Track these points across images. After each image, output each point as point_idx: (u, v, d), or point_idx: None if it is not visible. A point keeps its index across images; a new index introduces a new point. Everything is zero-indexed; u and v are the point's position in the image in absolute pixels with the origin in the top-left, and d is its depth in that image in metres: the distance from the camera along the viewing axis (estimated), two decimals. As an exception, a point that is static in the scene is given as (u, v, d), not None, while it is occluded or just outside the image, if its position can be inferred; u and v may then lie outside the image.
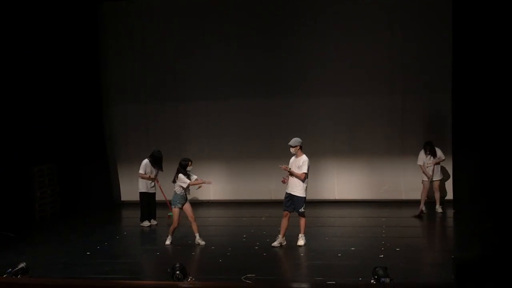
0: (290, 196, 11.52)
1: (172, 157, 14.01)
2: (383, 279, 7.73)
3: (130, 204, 16.02)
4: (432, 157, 13.91)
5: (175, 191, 11.91)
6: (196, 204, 14.08)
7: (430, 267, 10.47)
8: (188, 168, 11.86)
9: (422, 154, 14.02)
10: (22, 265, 8.55)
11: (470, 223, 12.80)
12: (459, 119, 14.28)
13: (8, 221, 13.41)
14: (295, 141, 11.45)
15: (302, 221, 11.57)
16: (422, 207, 13.84)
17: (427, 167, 13.93)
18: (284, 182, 11.56)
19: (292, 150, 11.47)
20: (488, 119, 13.66)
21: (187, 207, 11.95)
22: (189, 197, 12.11)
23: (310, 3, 15.41)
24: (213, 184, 12.85)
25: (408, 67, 15.10)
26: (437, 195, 14.12)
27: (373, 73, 15.24)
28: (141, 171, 13.78)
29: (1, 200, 13.64)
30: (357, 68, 15.25)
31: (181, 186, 11.79)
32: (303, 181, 11.36)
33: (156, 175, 13.87)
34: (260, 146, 15.73)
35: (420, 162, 14.01)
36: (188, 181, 11.77)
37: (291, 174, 11.38)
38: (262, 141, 15.68)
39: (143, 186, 13.85)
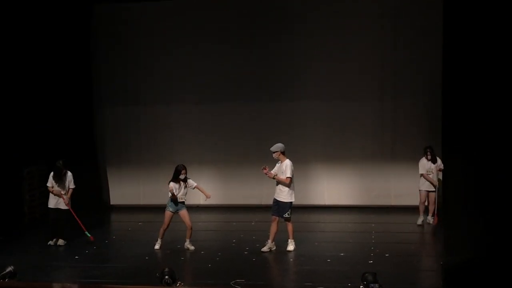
0: (276, 202, 11.55)
1: (162, 161, 13.95)
2: (372, 284, 7.73)
3: (120, 208, 16.06)
4: (432, 163, 13.36)
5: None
6: (187, 208, 14.02)
7: (419, 273, 10.50)
8: (181, 176, 11.76)
9: (423, 161, 13.40)
10: (10, 268, 8.47)
11: (459, 228, 12.84)
12: (449, 123, 14.32)
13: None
14: (275, 146, 11.45)
15: (289, 226, 11.58)
16: (423, 218, 13.49)
17: (429, 174, 13.36)
18: (265, 170, 11.36)
19: (273, 156, 11.48)
20: (478, 123, 13.70)
21: (184, 214, 11.90)
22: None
23: (299, 7, 15.42)
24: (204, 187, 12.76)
25: (399, 71, 15.13)
26: (431, 207, 13.51)
27: (365, 78, 15.26)
28: (48, 184, 12.44)
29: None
30: (348, 72, 15.27)
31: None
32: (288, 186, 11.38)
33: (68, 191, 12.45)
34: (251, 151, 15.66)
35: (422, 170, 13.38)
36: (171, 193, 11.64)
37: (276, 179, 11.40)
38: (253, 146, 15.59)
39: (51, 201, 12.45)
